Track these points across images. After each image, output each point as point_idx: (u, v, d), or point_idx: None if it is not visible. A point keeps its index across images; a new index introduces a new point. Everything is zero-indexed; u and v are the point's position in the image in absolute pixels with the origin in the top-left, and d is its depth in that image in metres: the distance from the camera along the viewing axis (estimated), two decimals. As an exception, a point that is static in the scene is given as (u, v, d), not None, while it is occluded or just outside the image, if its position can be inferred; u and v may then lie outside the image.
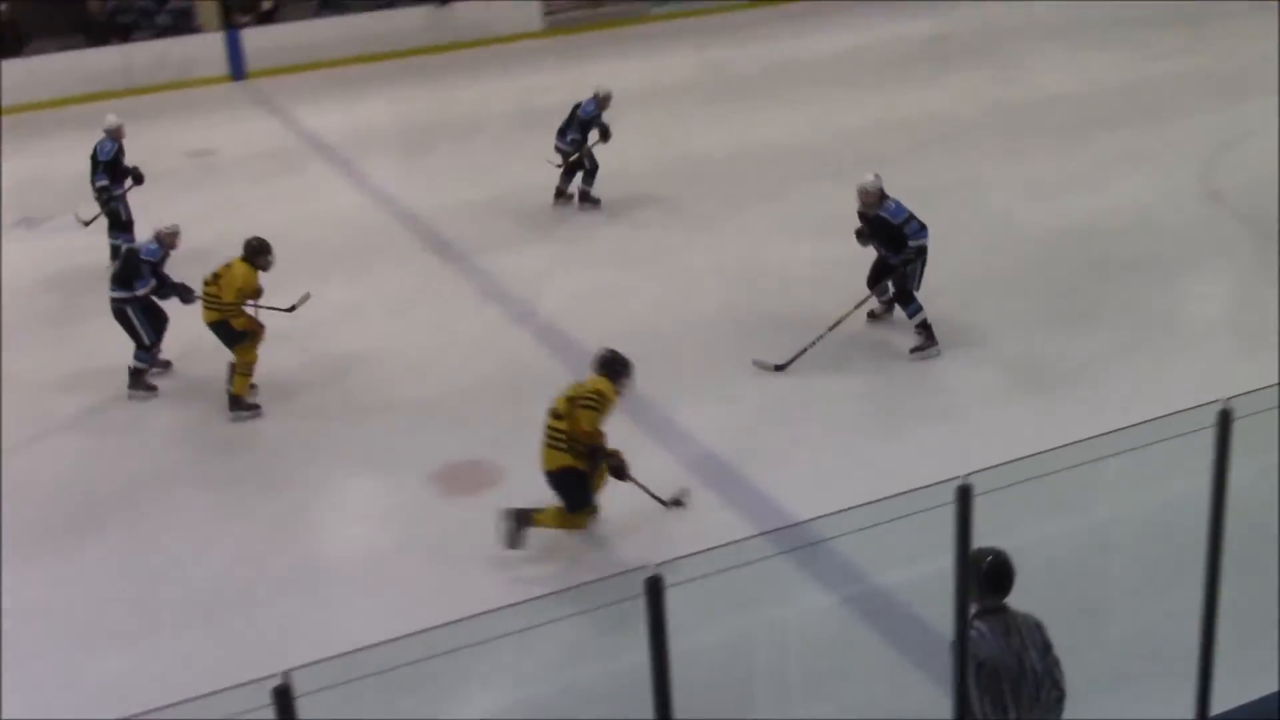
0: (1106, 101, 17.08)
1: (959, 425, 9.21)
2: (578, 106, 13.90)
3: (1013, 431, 8.52)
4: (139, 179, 12.88)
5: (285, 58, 21.64)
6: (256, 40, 21.82)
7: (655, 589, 4.07)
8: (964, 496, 4.58)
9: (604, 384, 7.73)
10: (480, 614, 4.23)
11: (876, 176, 10.22)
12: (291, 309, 10.19)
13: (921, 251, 10.11)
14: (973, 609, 4.82)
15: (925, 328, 10.26)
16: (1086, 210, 13.14)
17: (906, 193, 10.29)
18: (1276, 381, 6.08)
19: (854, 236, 10.43)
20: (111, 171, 12.69)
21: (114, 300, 10.13)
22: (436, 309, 11.70)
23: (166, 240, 10.22)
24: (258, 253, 9.84)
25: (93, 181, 12.72)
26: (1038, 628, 4.92)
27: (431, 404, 9.98)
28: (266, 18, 22.53)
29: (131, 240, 12.06)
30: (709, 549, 4.78)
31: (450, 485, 8.81)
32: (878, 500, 4.70)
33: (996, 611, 4.86)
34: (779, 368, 10.07)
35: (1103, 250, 12.17)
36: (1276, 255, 11.58)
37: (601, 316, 11.33)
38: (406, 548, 8.17)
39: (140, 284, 10.00)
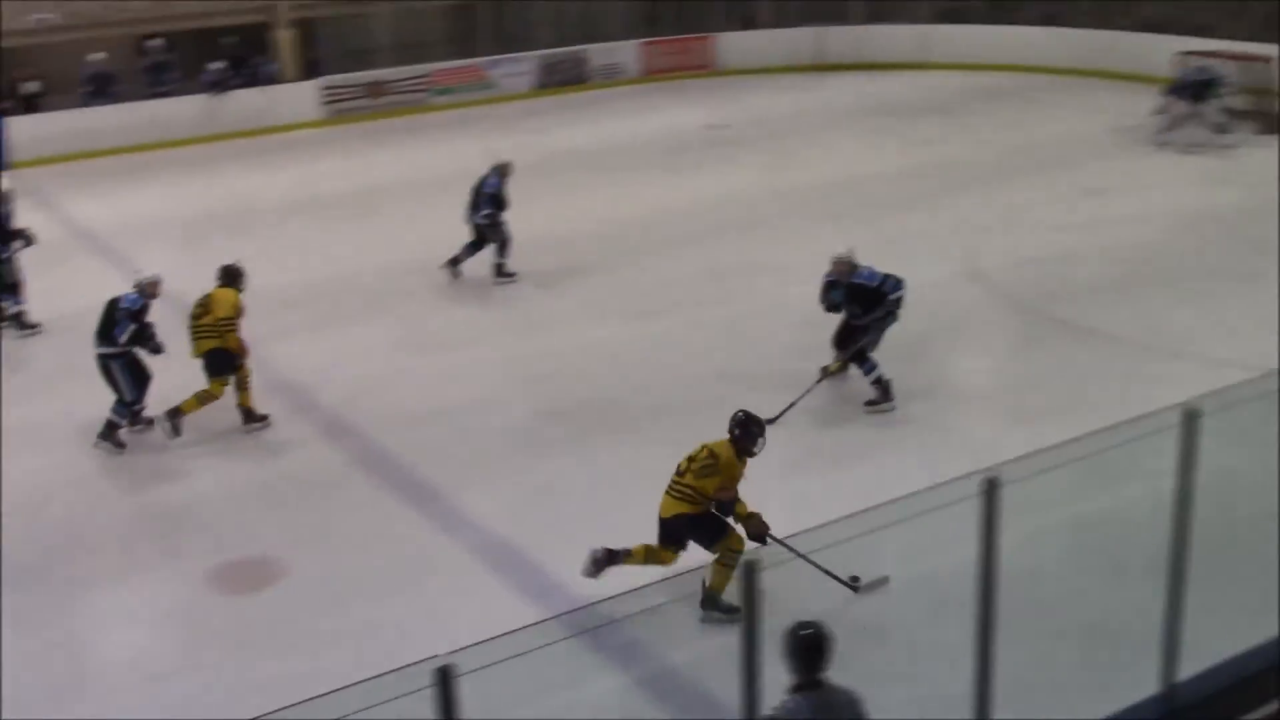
0: (876, 187, 17.82)
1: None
2: (481, 183, 14.16)
3: (801, 504, 8.69)
4: (29, 241, 13.02)
5: (53, 147, 20.94)
6: (23, 128, 21.04)
7: (445, 679, 4.01)
8: (750, 572, 4.66)
9: (723, 446, 7.66)
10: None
11: (850, 249, 10.83)
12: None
13: (898, 305, 10.69)
14: (790, 683, 4.79)
15: (882, 384, 10.78)
16: (860, 291, 13.62)
17: (689, 273, 10.51)
18: (1037, 450, 6.37)
19: (821, 301, 11.00)
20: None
21: (99, 355, 10.31)
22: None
23: (148, 290, 10.47)
24: (237, 276, 10.67)
25: None
26: (854, 704, 4.90)
27: (213, 500, 9.66)
28: (32, 105, 21.76)
29: (20, 302, 12.89)
30: (499, 635, 4.75)
31: (229, 584, 8.52)
32: (665, 579, 4.75)
33: (813, 686, 4.81)
34: (769, 421, 10.21)
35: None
36: (1032, 330, 12.23)
37: (387, 403, 11.25)
38: (186, 649, 7.84)
39: (119, 331, 10.18)
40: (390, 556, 8.70)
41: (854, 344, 10.93)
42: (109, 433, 10.36)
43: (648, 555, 7.69)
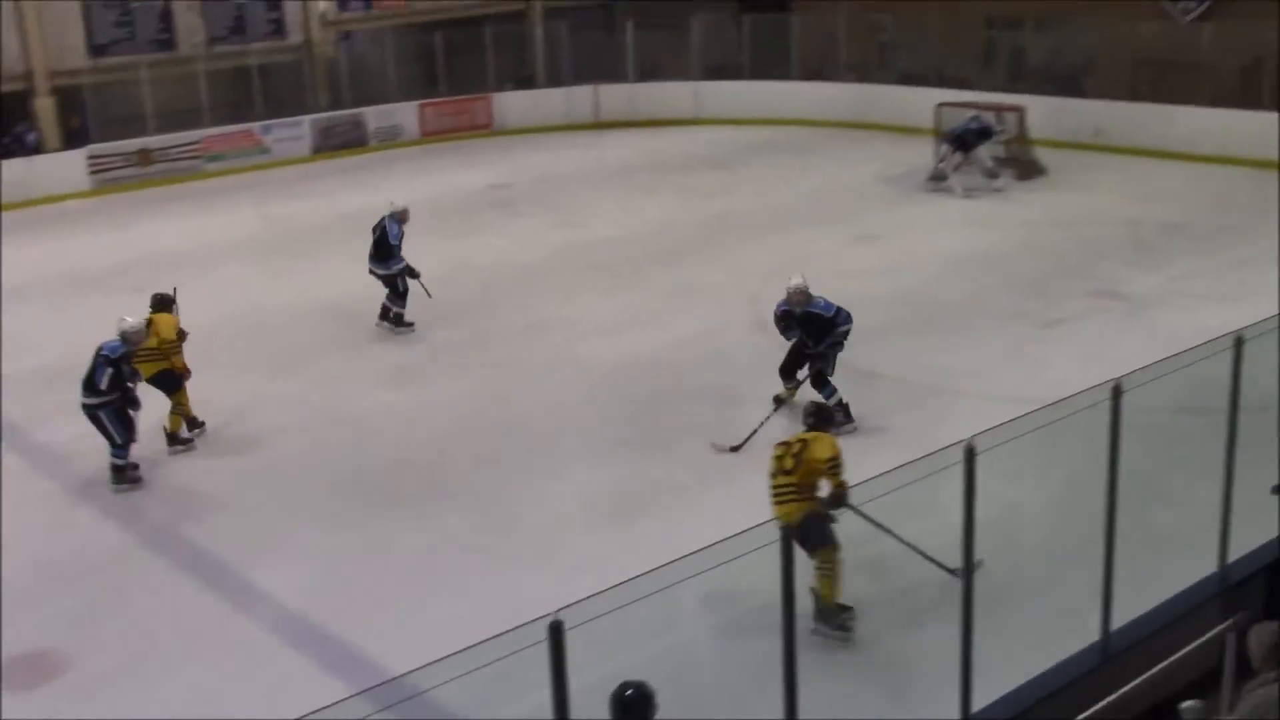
0: (659, 241, 18.13)
1: (548, 559, 9.33)
2: (382, 233, 14.24)
3: (603, 563, 8.70)
4: None
5: None
6: None
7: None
8: (556, 632, 4.66)
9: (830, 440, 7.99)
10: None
11: (803, 278, 11.28)
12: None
13: (846, 336, 11.24)
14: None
15: (844, 407, 11.19)
16: (649, 343, 13.80)
17: (478, 334, 10.47)
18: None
19: (775, 326, 11.67)
20: None
21: (84, 406, 10.51)
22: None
23: (133, 338, 10.67)
24: (170, 303, 11.62)
25: None
26: None
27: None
28: None
29: None
30: (318, 710, 4.62)
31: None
32: (473, 645, 4.69)
33: None
34: (733, 449, 10.76)
35: (667, 380, 12.78)
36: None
37: (174, 479, 10.90)
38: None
39: (99, 376, 10.37)
40: (182, 635, 8.39)
41: (802, 371, 11.44)
42: (119, 475, 10.71)
43: (828, 578, 7.71)
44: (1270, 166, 20.45)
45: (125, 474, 10.75)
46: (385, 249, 14.25)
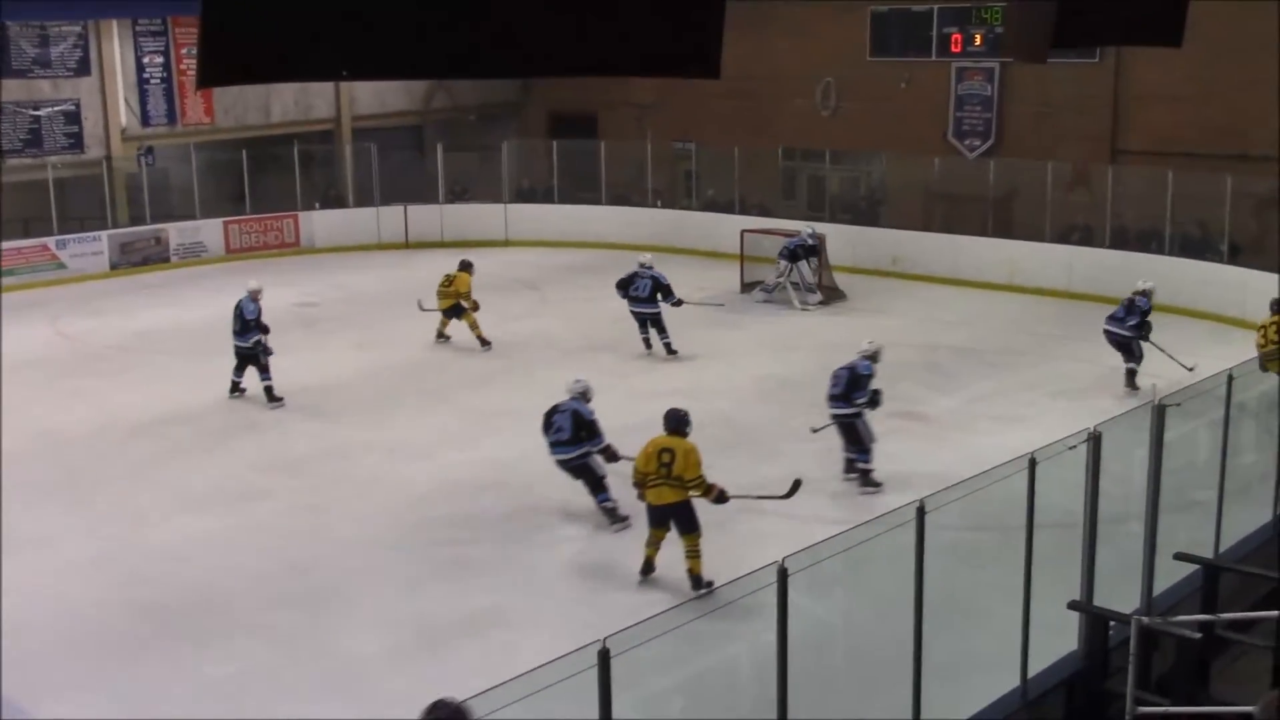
0: (469, 363, 18.05)
1: (352, 695, 9.05)
2: (242, 309, 15.76)
3: (411, 692, 8.47)
4: None
5: None
6: None
7: None
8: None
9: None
10: None
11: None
12: None
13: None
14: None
15: (868, 476, 12.82)
16: (463, 466, 13.67)
17: (286, 460, 10.09)
18: (648, 616, 6.52)
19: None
20: None
21: None
22: None
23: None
24: None
25: None
26: None
27: None
28: None
29: None
30: None
31: None
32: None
33: None
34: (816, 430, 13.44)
35: (482, 503, 12.65)
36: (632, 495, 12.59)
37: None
38: None
39: None
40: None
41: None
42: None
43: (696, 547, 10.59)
44: (1051, 294, 21.61)
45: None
46: (243, 324, 15.78)
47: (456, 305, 18.34)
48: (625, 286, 18.12)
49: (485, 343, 18.46)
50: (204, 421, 15.30)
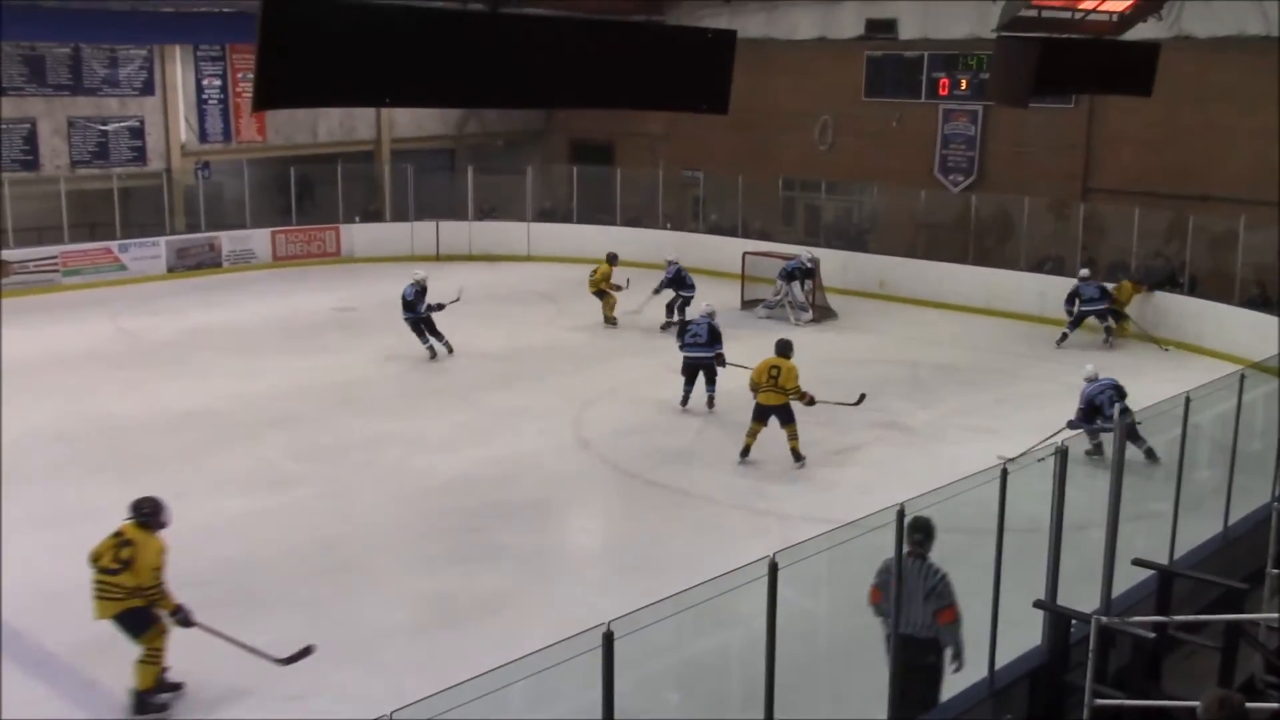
0: (489, 366, 18.04)
1: (376, 665, 9.03)
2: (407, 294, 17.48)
3: (432, 666, 8.48)
4: None
5: None
6: None
7: None
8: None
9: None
10: None
11: None
12: None
13: None
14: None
15: None
16: (482, 460, 13.66)
17: (319, 450, 10.10)
18: (649, 603, 6.50)
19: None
20: None
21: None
22: None
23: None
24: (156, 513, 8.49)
25: None
26: None
27: None
28: None
29: None
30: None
31: None
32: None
33: None
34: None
35: (498, 494, 12.64)
36: (635, 492, 12.60)
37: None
38: None
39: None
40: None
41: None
42: None
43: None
44: (1024, 319, 21.57)
45: None
46: (408, 304, 17.99)
47: (601, 290, 20.30)
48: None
49: (612, 321, 20.48)
50: (246, 413, 15.29)
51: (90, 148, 24.76)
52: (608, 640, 5.54)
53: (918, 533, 7.36)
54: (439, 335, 18.27)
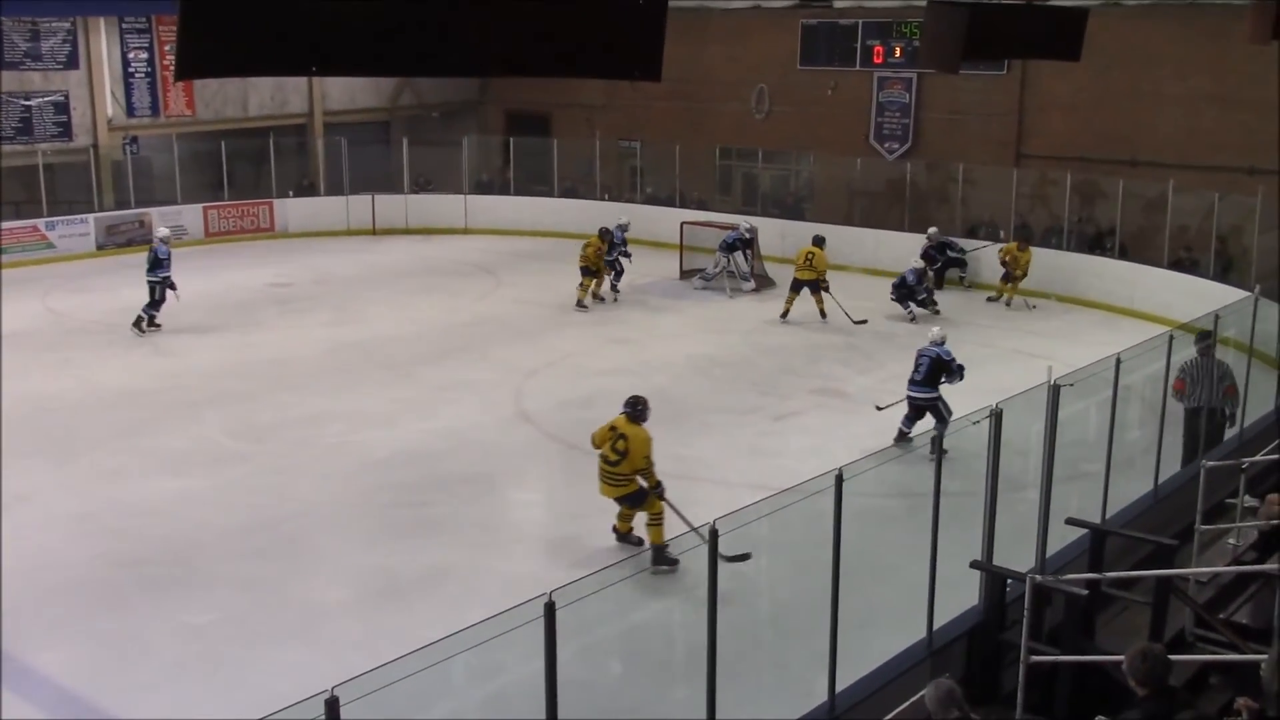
0: (428, 340, 17.92)
1: (317, 641, 8.98)
2: (155, 250, 17.00)
3: (374, 640, 8.44)
4: None
5: None
6: None
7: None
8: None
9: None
10: None
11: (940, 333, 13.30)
12: None
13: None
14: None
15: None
16: (422, 434, 13.58)
17: (257, 427, 10.00)
18: (590, 572, 6.51)
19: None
20: None
21: None
22: None
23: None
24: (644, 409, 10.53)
25: None
26: None
27: None
28: None
29: None
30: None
31: None
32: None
33: None
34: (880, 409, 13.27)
35: (438, 468, 12.58)
36: (576, 464, 12.59)
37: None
38: None
39: None
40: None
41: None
42: None
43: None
44: (960, 285, 21.79)
45: None
46: (153, 262, 17.58)
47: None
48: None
49: (583, 306, 19.72)
50: (182, 392, 15.09)
51: (14, 123, 24.21)
52: (549, 610, 5.54)
53: (1202, 341, 11.23)
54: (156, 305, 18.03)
